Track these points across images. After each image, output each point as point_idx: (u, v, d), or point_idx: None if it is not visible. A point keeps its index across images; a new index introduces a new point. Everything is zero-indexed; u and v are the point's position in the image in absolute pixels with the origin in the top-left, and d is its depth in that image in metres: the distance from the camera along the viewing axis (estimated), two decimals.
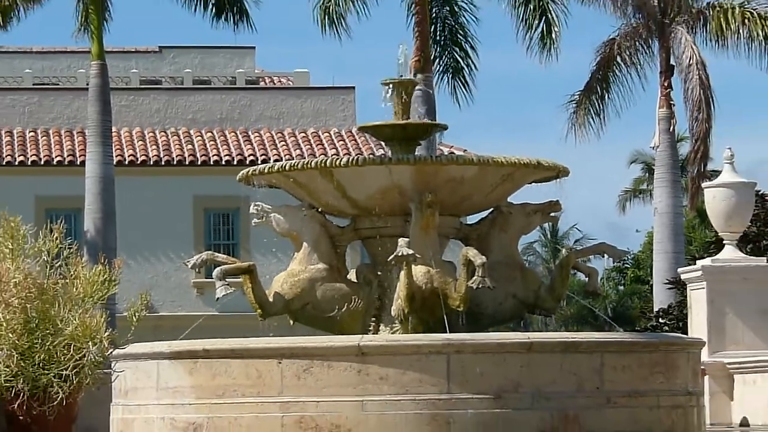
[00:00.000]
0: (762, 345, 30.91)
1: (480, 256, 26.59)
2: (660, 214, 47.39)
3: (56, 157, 59.37)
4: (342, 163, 27.60)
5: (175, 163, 59.89)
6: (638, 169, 70.84)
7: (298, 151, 59.19)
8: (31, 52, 66.33)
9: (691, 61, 47.56)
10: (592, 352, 24.89)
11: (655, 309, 43.67)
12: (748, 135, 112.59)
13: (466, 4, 47.20)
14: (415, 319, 26.17)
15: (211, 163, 59.64)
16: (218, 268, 27.46)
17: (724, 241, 32.45)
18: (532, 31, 46.56)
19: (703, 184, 37.76)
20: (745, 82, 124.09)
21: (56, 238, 22.85)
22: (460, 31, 47.23)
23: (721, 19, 46.90)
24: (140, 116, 61.09)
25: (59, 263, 22.68)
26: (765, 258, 33.60)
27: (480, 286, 26.48)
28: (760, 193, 38.55)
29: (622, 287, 72.25)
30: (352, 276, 27.81)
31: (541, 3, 46.38)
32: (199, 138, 61.29)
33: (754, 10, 46.81)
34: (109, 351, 23.50)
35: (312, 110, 62.73)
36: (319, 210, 27.71)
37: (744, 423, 29.70)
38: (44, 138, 60.67)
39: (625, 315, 53.94)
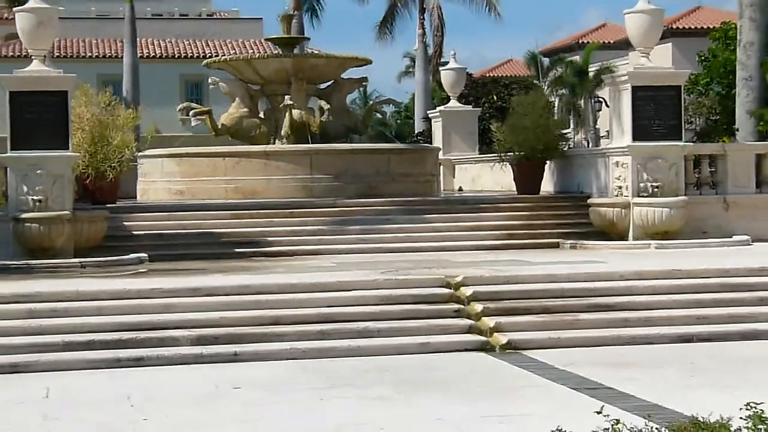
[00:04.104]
0: (468, 149, 31.02)
1: (326, 104, 26.45)
2: (418, 83, 47.18)
3: (107, 53, 57.89)
4: (257, 56, 27.38)
5: (170, 56, 58.68)
6: (408, 60, 70.10)
7: (234, 51, 58.09)
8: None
9: (433, 6, 47.14)
10: (384, 153, 24.91)
11: (416, 132, 43.67)
12: (466, 44, 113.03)
13: None
14: (293, 137, 25.99)
15: (189, 56, 58.42)
16: (192, 110, 27.23)
17: (450, 98, 32.42)
18: None
19: (441, 68, 37.55)
20: (462, 16, 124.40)
21: (108, 95, 22.37)
22: None
23: None
24: (152, 32, 59.50)
25: (110, 108, 22.22)
26: (471, 106, 33.65)
27: (326, 120, 26.36)
28: (468, 73, 38.27)
29: (399, 121, 72.01)
30: (262, 115, 27.53)
31: None
32: (183, 44, 60.03)
33: None
34: (136, 153, 23.16)
35: (241, 30, 61.69)
36: (244, 81, 27.31)
37: (460, 189, 29.89)
38: (101, 43, 59.15)
39: (401, 136, 53.95)
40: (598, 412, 7.16)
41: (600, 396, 10.12)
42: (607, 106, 25.70)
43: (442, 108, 32.59)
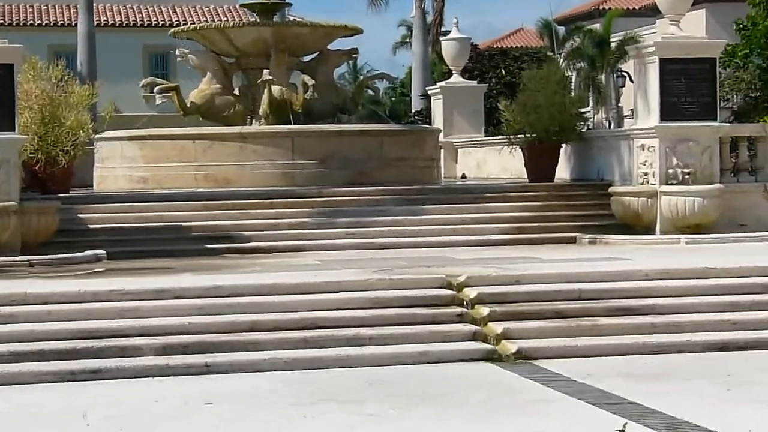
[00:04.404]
0: (472, 131, 31.08)
1: (311, 79, 26.46)
2: (415, 55, 47.14)
3: (60, 20, 57.89)
4: (231, 25, 27.45)
5: (131, 25, 58.67)
6: (404, 29, 70.13)
7: (204, 18, 58.13)
8: None
9: None
10: (376, 135, 24.94)
11: (413, 111, 43.66)
12: (470, 10, 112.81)
13: None
14: (273, 117, 26.01)
15: (153, 25, 58.43)
16: (157, 87, 27.26)
17: (452, 72, 32.49)
18: None
19: (441, 38, 37.63)
20: None
21: (60, 69, 22.33)
22: None
23: None
24: None
25: (62, 84, 22.19)
26: (476, 81, 33.69)
27: (311, 97, 26.39)
28: (473, 43, 38.28)
29: (394, 98, 72.03)
30: (237, 92, 27.54)
31: None
32: (146, 10, 60.08)
33: None
34: (93, 136, 23.14)
35: None
36: (217, 52, 27.31)
37: (463, 176, 29.94)
38: (53, 9, 59.14)
39: (396, 115, 53.99)
40: (621, 431, 7.18)
41: (623, 412, 10.14)
42: (632, 81, 25.76)
43: (442, 84, 32.62)
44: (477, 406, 10.66)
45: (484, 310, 14.07)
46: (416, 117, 41.04)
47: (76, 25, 46.80)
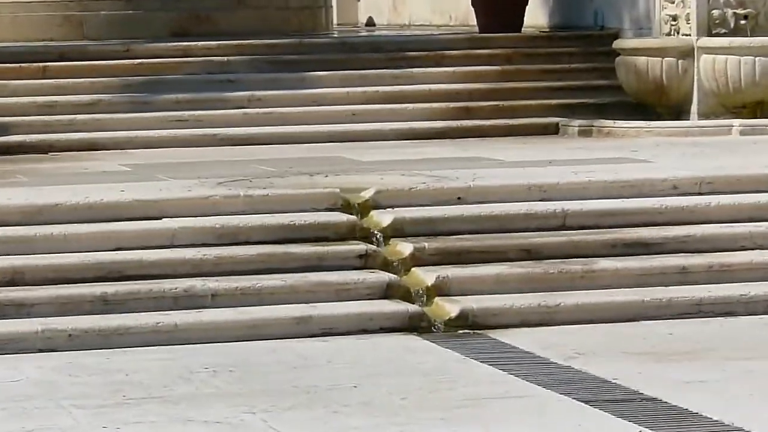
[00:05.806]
0: None
1: None
2: None
3: None
4: None
5: None
6: None
7: None
8: None
9: None
10: None
11: None
12: None
13: None
14: None
15: None
16: None
17: None
18: None
19: None
20: None
21: None
22: None
23: None
24: None
25: None
26: None
27: None
28: None
29: None
30: None
31: None
32: None
33: None
34: None
35: None
36: None
37: (370, 22, 29.94)
38: None
39: None
40: None
41: (634, 415, 10.29)
42: None
43: None
44: (390, 408, 10.76)
45: (404, 248, 14.22)
46: None
47: None
